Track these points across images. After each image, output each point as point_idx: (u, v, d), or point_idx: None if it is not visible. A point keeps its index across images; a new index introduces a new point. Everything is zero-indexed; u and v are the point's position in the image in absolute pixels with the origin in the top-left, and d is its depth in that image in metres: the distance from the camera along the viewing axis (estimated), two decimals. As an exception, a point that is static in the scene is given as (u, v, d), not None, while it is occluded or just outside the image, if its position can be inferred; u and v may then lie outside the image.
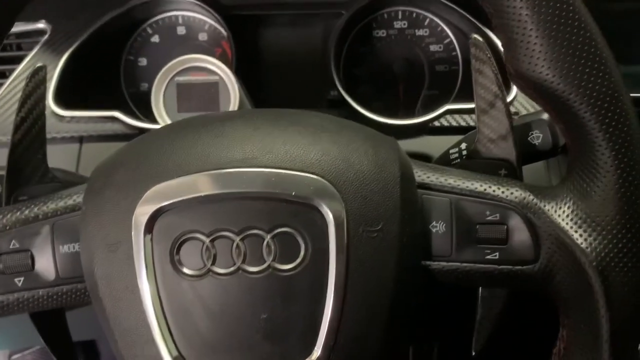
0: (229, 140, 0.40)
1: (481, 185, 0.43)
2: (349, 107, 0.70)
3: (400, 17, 0.79)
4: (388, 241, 0.39)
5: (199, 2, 0.74)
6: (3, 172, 0.50)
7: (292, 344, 0.39)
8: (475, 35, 0.50)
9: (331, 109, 0.74)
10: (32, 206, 0.43)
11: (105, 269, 0.40)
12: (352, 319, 0.39)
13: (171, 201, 0.39)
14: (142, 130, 0.68)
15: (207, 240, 0.38)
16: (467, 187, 0.43)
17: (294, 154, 0.39)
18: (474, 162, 0.50)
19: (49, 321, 0.49)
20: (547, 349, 0.47)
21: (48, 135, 0.50)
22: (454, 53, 0.79)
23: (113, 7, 0.74)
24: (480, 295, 0.47)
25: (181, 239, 0.39)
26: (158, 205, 0.39)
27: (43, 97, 0.49)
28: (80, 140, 0.67)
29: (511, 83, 0.56)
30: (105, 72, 0.77)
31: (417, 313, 0.43)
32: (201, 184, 0.39)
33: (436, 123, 0.68)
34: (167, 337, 0.39)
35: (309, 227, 0.38)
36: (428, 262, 0.43)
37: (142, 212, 0.39)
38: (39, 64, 0.50)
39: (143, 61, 0.79)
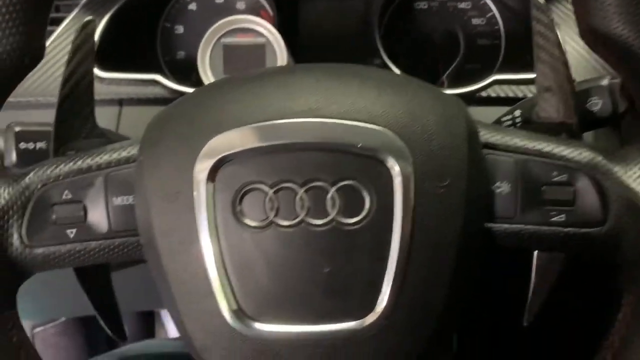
0: (292, 91, 0.39)
1: (548, 145, 0.42)
2: None
3: (442, -11, 0.77)
4: (454, 198, 0.38)
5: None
6: (50, 128, 0.49)
7: (353, 299, 0.38)
8: None
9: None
10: (86, 157, 0.43)
11: (163, 220, 0.39)
12: (416, 275, 0.38)
13: (234, 151, 0.38)
14: (183, 94, 0.67)
15: (270, 191, 0.37)
16: (534, 147, 0.41)
17: (359, 105, 0.38)
18: (533, 127, 0.49)
19: (95, 282, 0.48)
20: (602, 322, 0.46)
21: None
22: (496, 27, 0.78)
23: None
24: (535, 263, 0.46)
25: (244, 190, 0.38)
26: (221, 155, 0.38)
27: (92, 50, 0.48)
28: (120, 103, 0.67)
29: None
30: (142, 39, 0.76)
31: (476, 278, 0.42)
32: (265, 134, 0.38)
33: (483, 94, 0.67)
34: (226, 290, 0.38)
35: (374, 181, 0.37)
36: (491, 224, 0.41)
37: (204, 162, 0.38)
38: (87, 18, 0.49)
39: (180, 29, 0.78)
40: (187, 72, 0.78)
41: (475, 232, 0.40)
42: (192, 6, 0.78)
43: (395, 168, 0.37)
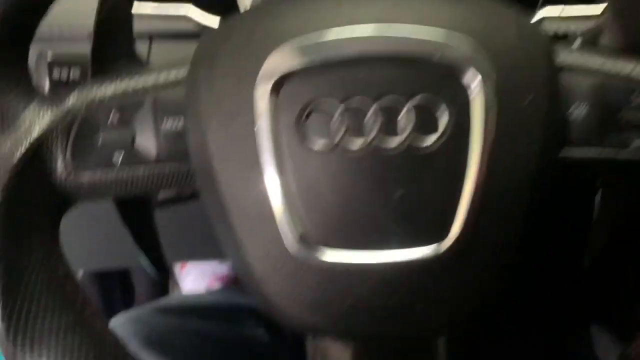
0: None
1: (628, 66, 0.39)
2: None
3: None
4: (535, 118, 0.36)
5: None
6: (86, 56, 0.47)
7: (427, 224, 0.35)
8: None
9: None
10: (133, 77, 0.40)
11: (220, 143, 0.36)
12: (493, 199, 0.35)
13: (298, 63, 0.35)
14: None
15: (339, 108, 0.35)
16: (613, 67, 0.39)
17: (439, 11, 0.35)
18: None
19: (137, 218, 0.46)
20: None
21: None
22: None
23: None
24: (600, 196, 0.43)
25: (310, 107, 0.35)
26: (283, 70, 0.35)
27: None
28: (150, 38, 0.64)
29: None
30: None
31: (548, 208, 0.40)
32: (333, 44, 0.35)
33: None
34: (290, 216, 0.35)
35: (453, 93, 0.35)
36: (567, 148, 0.39)
37: (266, 77, 0.35)
38: None
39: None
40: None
41: (553, 155, 0.38)
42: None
43: (476, 80, 0.34)
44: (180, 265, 1.17)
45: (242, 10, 0.55)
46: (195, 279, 1.15)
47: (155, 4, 0.63)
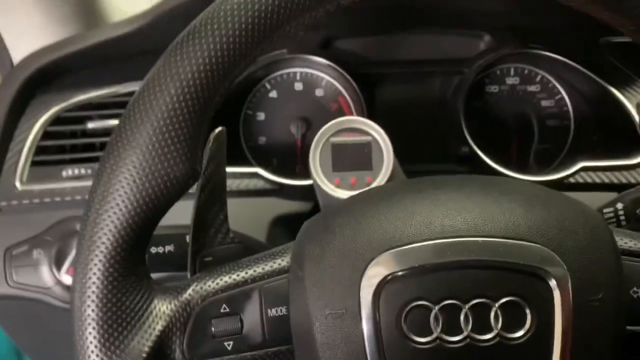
0: (447, 209, 0.42)
1: None
2: (480, 163, 0.72)
3: (512, 73, 0.81)
4: (607, 309, 0.40)
5: (323, 60, 0.76)
6: (178, 232, 0.51)
7: None
8: None
9: (461, 165, 0.76)
10: (240, 270, 0.45)
11: (328, 335, 0.41)
12: None
13: (398, 269, 0.40)
14: (282, 186, 0.70)
15: (435, 308, 0.39)
16: None
17: (515, 223, 0.41)
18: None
19: None
20: None
21: (191, 191, 0.52)
22: (565, 109, 0.81)
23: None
24: None
25: (409, 307, 0.40)
26: (386, 273, 0.40)
27: (224, 159, 0.51)
28: (221, 196, 0.69)
29: None
30: (227, 126, 0.79)
31: None
32: (429, 253, 0.40)
33: (571, 180, 0.70)
34: None
35: (535, 297, 0.39)
36: (631, 328, 0.43)
37: (370, 280, 0.40)
38: (219, 128, 0.52)
39: (261, 115, 0.81)
40: (268, 157, 0.81)
41: (622, 338, 0.42)
42: (273, 94, 0.81)
43: (554, 284, 0.39)
44: None
45: (312, 172, 0.60)
46: None
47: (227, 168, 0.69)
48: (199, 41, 0.41)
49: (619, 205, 0.56)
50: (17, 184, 0.69)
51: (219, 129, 0.51)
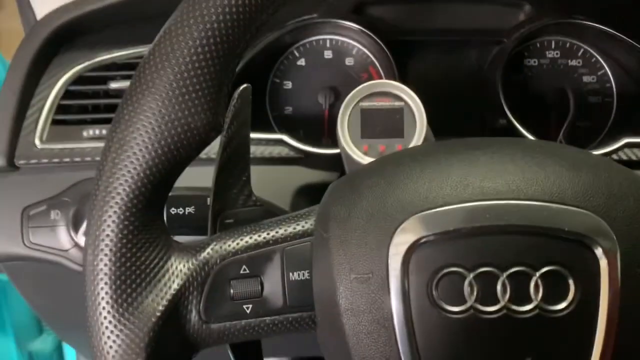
0: (486, 170, 0.38)
1: None
2: (519, 137, 0.68)
3: (553, 46, 0.77)
4: None
5: (355, 26, 0.73)
6: (200, 193, 0.49)
7: None
8: None
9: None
10: (262, 231, 0.42)
11: (352, 300, 0.38)
12: None
13: (431, 233, 0.37)
14: (308, 154, 0.67)
15: (469, 275, 0.36)
16: None
17: (561, 186, 0.37)
18: None
19: (248, 353, 0.48)
20: None
21: (212, 156, 0.49)
22: (608, 85, 0.77)
23: (269, 30, 0.73)
24: None
25: (441, 273, 0.37)
26: (417, 237, 0.37)
27: (248, 118, 0.49)
28: (246, 161, 0.67)
29: None
30: (252, 95, 0.77)
31: None
32: (464, 216, 0.37)
33: (615, 156, 0.66)
34: None
35: (579, 266, 0.36)
36: None
37: (400, 243, 0.37)
38: (244, 85, 0.49)
39: (288, 84, 0.79)
40: (294, 127, 0.78)
41: None
42: (301, 62, 0.78)
43: (601, 254, 0.36)
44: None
45: (340, 137, 0.57)
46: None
47: (252, 134, 0.67)
48: None
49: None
50: (37, 142, 0.67)
51: (244, 85, 0.49)
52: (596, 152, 0.66)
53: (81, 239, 0.62)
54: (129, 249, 0.39)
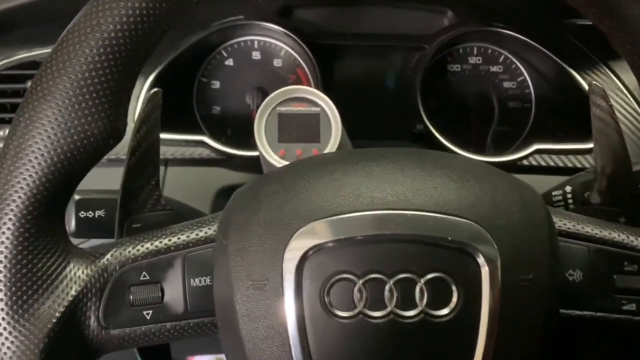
0: (377, 181, 0.40)
1: (619, 235, 0.43)
2: (435, 142, 0.70)
3: (475, 52, 0.79)
4: (537, 290, 0.39)
5: (280, 29, 0.74)
6: (110, 196, 0.49)
7: None
8: (595, 82, 0.50)
9: (416, 143, 0.74)
10: (163, 237, 0.43)
11: (249, 306, 0.39)
12: None
13: (324, 240, 0.38)
14: (230, 156, 0.67)
15: (359, 281, 0.38)
16: (605, 236, 0.43)
17: (446, 197, 0.39)
18: (589, 209, 0.50)
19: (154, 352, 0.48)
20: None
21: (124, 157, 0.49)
22: (527, 90, 0.80)
23: (193, 31, 0.73)
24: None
25: (332, 280, 0.38)
26: (310, 245, 0.38)
27: (158, 122, 0.49)
28: (165, 163, 0.67)
29: None
30: (179, 94, 0.77)
31: None
32: (355, 225, 0.38)
33: (525, 162, 0.68)
34: None
35: (462, 274, 0.38)
36: (564, 311, 0.42)
37: (294, 251, 0.38)
38: (155, 89, 0.49)
39: (216, 84, 0.79)
40: (221, 127, 0.78)
41: (553, 319, 0.41)
42: (229, 62, 0.79)
43: (482, 261, 0.38)
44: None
45: (257, 141, 0.58)
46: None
47: (172, 135, 0.67)
48: None
49: (568, 188, 0.55)
50: None
51: (154, 90, 0.49)
52: (508, 158, 0.69)
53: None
54: (25, 255, 0.39)
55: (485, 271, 0.38)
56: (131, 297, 0.42)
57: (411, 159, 0.42)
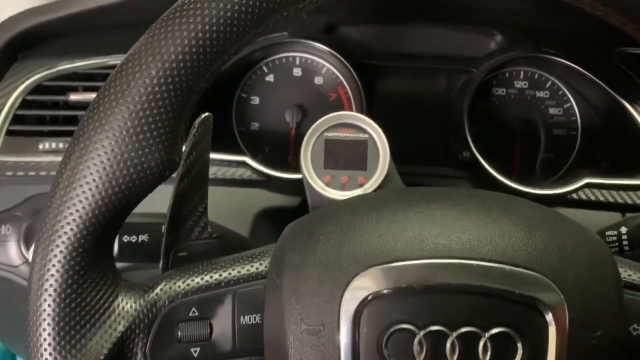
0: (441, 227, 0.38)
1: None
2: (481, 171, 0.68)
3: (522, 77, 0.77)
4: (604, 349, 0.37)
5: (324, 47, 0.73)
6: (152, 220, 0.48)
7: None
8: None
9: (460, 170, 0.72)
10: (214, 272, 0.41)
11: (303, 350, 0.38)
12: None
13: (384, 288, 0.37)
14: (271, 178, 0.66)
15: (420, 333, 0.36)
16: None
17: (514, 247, 0.37)
18: None
19: None
20: None
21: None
22: (573, 118, 0.77)
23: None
24: None
25: (391, 329, 0.36)
26: (369, 292, 0.37)
27: (208, 147, 0.48)
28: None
29: None
30: (218, 109, 0.76)
31: None
32: (417, 273, 0.37)
33: (574, 195, 0.66)
34: None
35: (528, 330, 0.36)
36: None
37: (352, 297, 0.37)
38: (205, 114, 0.48)
39: (256, 100, 0.78)
40: (259, 144, 0.77)
41: None
42: (270, 78, 0.77)
43: (550, 318, 0.36)
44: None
45: (303, 167, 0.57)
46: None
47: (214, 154, 0.66)
48: (187, 19, 0.37)
49: (623, 230, 0.53)
50: None
51: (205, 114, 0.48)
52: (557, 191, 0.67)
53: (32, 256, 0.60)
54: (74, 289, 0.38)
55: (552, 328, 0.36)
56: (179, 333, 0.40)
57: (475, 201, 0.40)
